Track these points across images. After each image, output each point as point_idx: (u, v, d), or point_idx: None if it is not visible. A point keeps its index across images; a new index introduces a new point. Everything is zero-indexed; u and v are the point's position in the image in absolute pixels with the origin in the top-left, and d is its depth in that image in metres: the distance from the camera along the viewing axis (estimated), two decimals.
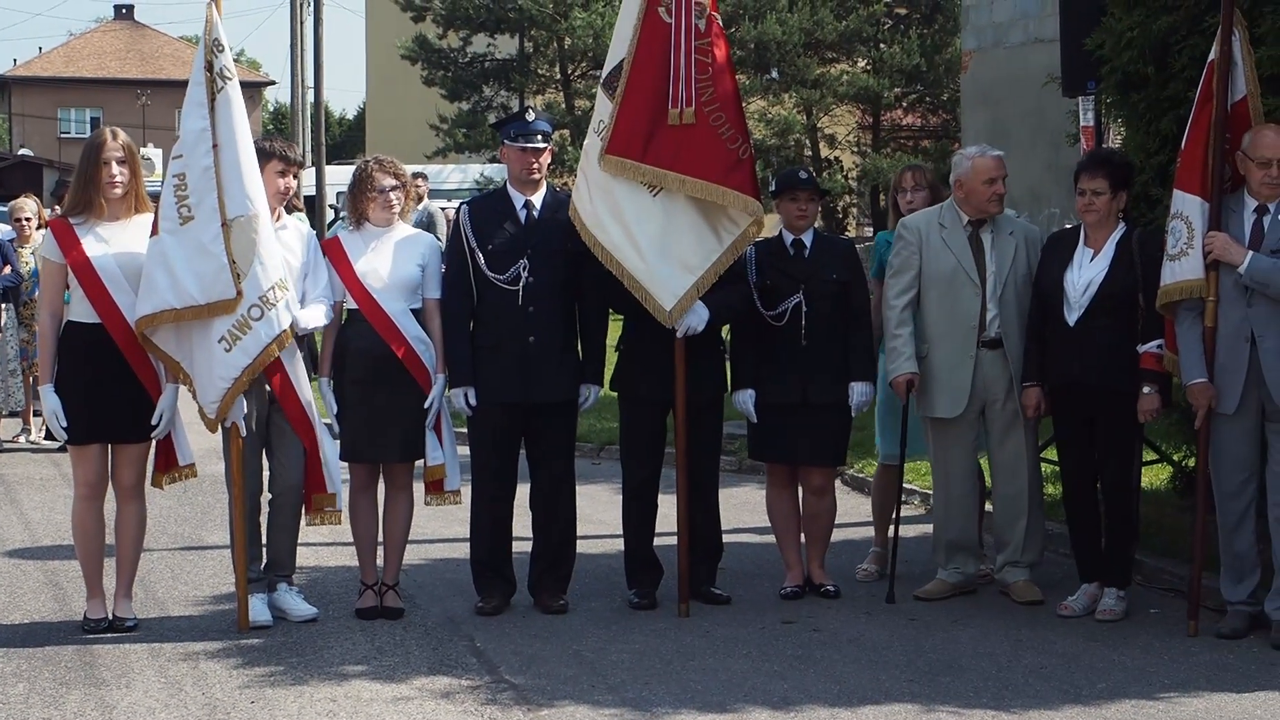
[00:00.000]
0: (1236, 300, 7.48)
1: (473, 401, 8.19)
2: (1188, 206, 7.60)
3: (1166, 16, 8.71)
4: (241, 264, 7.66)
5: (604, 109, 8.24)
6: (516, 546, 8.48)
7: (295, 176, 8.22)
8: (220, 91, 7.71)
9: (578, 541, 8.58)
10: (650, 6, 8.09)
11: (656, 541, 8.55)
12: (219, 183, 7.65)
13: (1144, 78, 8.94)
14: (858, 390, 8.35)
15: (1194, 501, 7.96)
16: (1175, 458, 9.97)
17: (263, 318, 7.68)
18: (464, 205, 8.41)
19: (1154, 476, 10.19)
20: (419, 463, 8.21)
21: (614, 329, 8.49)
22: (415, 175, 20.13)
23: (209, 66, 7.72)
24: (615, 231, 8.08)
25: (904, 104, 36.17)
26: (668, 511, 8.48)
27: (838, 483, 9.67)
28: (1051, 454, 9.75)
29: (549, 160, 8.36)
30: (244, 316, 7.67)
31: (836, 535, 8.88)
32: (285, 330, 7.74)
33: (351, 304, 8.07)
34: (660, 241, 8.05)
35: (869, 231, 35.49)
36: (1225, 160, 7.61)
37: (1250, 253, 7.41)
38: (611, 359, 8.45)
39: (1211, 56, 7.64)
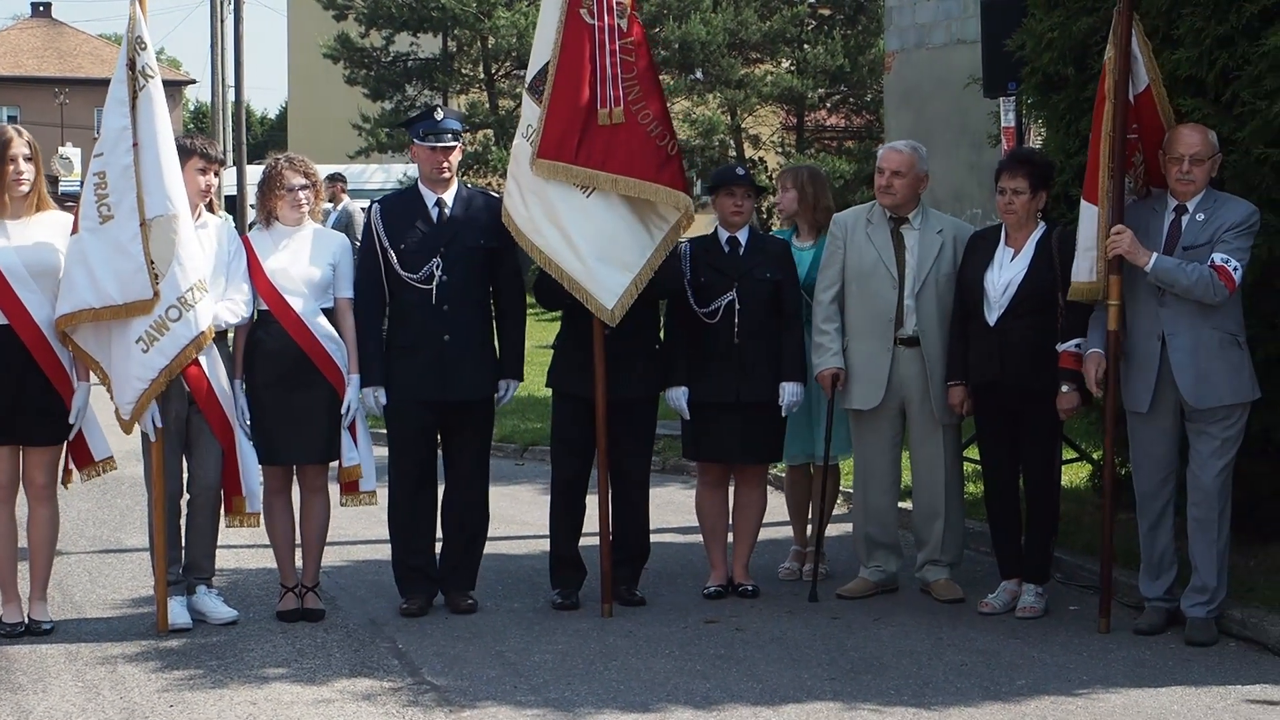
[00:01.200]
0: (1148, 300, 7.55)
1: (383, 401, 8.15)
2: (1084, 213, 7.70)
3: (1086, 18, 8.78)
4: (160, 264, 7.59)
5: (531, 113, 8.22)
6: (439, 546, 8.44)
7: (216, 174, 8.14)
8: (142, 90, 7.64)
9: (502, 543, 8.56)
10: (572, 8, 8.07)
11: (583, 542, 8.52)
12: (139, 182, 7.57)
13: (1064, 79, 9.02)
14: (788, 390, 8.36)
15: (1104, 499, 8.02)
16: (1094, 456, 10.05)
17: (180, 319, 7.61)
18: (375, 204, 8.37)
19: (1073, 475, 10.27)
20: (334, 463, 8.15)
21: (553, 327, 8.47)
22: (334, 178, 20.10)
23: (131, 64, 7.65)
24: (552, 235, 8.07)
25: (828, 105, 36.28)
26: (596, 511, 8.46)
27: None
28: (972, 452, 9.82)
29: (459, 158, 8.34)
30: (161, 317, 7.60)
31: (763, 534, 8.88)
32: (204, 332, 7.68)
33: (262, 304, 8.00)
34: (597, 242, 8.05)
35: None
36: (1126, 156, 7.66)
37: (1155, 254, 7.46)
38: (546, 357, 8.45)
39: (1106, 56, 7.68)
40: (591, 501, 8.46)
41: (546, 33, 8.20)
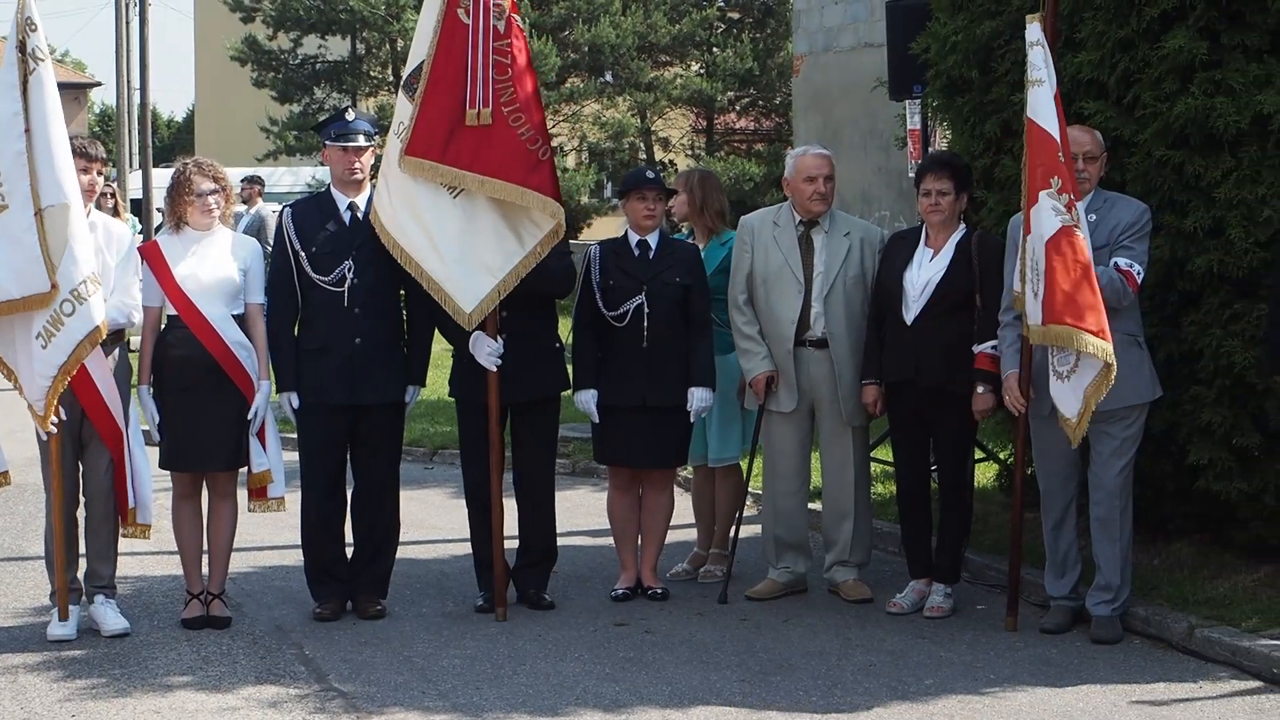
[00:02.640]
0: None
1: (295, 405, 8.09)
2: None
3: (990, 21, 8.86)
4: (55, 255, 7.46)
5: (404, 111, 8.16)
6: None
7: (99, 173, 8.04)
8: (33, 74, 7.50)
9: (411, 547, 8.51)
10: (449, 8, 8.02)
11: (508, 544, 8.43)
12: (31, 170, 7.45)
13: (968, 81, 9.09)
14: (697, 395, 8.36)
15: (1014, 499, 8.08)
16: (1002, 456, 10.13)
17: (74, 313, 7.49)
18: (287, 208, 8.32)
19: (981, 475, 10.33)
20: (243, 470, 8.07)
21: None
22: (251, 180, 19.94)
23: (21, 46, 7.50)
24: (415, 234, 8.02)
25: (737, 108, 36.35)
26: (514, 514, 8.46)
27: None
28: (881, 453, 9.87)
29: (371, 160, 8.29)
30: (57, 311, 7.48)
31: (672, 537, 8.88)
32: (99, 326, 7.54)
33: (171, 310, 7.92)
34: (460, 243, 8.00)
35: None
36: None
37: None
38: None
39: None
40: (509, 505, 8.43)
41: (425, 31, 8.14)
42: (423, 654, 7.57)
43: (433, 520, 10.55)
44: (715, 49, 35.02)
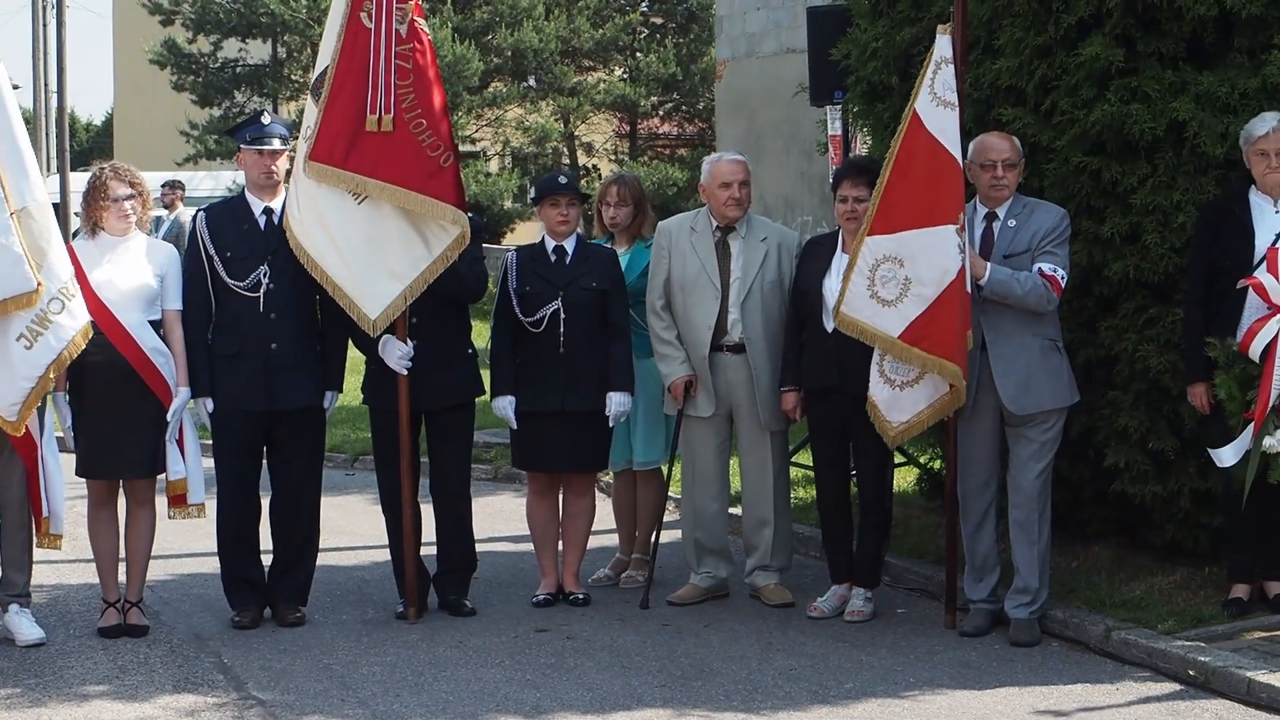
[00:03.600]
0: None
1: (210, 410, 8.04)
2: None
3: (909, 28, 8.90)
4: (35, 255, 7.40)
5: (311, 115, 8.13)
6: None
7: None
8: None
9: (332, 554, 8.46)
10: (353, 11, 7.98)
11: (427, 551, 8.44)
12: (0, 171, 7.38)
13: (888, 88, 9.13)
14: (615, 400, 8.36)
15: (940, 503, 8.13)
16: (922, 460, 10.18)
17: (64, 310, 7.47)
18: (201, 213, 8.25)
19: (901, 479, 10.37)
20: (161, 476, 8.00)
21: None
22: (172, 185, 19.77)
23: None
24: (320, 238, 7.98)
25: (660, 112, 36.46)
26: (431, 520, 8.43)
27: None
28: (801, 457, 9.90)
29: (287, 164, 8.23)
30: (44, 311, 7.43)
31: (594, 542, 8.88)
32: (88, 322, 7.54)
33: (87, 316, 7.82)
34: (365, 249, 7.96)
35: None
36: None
37: (989, 265, 7.57)
38: None
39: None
40: (427, 510, 8.42)
41: (330, 35, 8.11)
42: (342, 661, 7.53)
43: (354, 526, 10.49)
44: (638, 54, 35.13)
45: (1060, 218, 7.72)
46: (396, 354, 8.04)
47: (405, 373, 8.05)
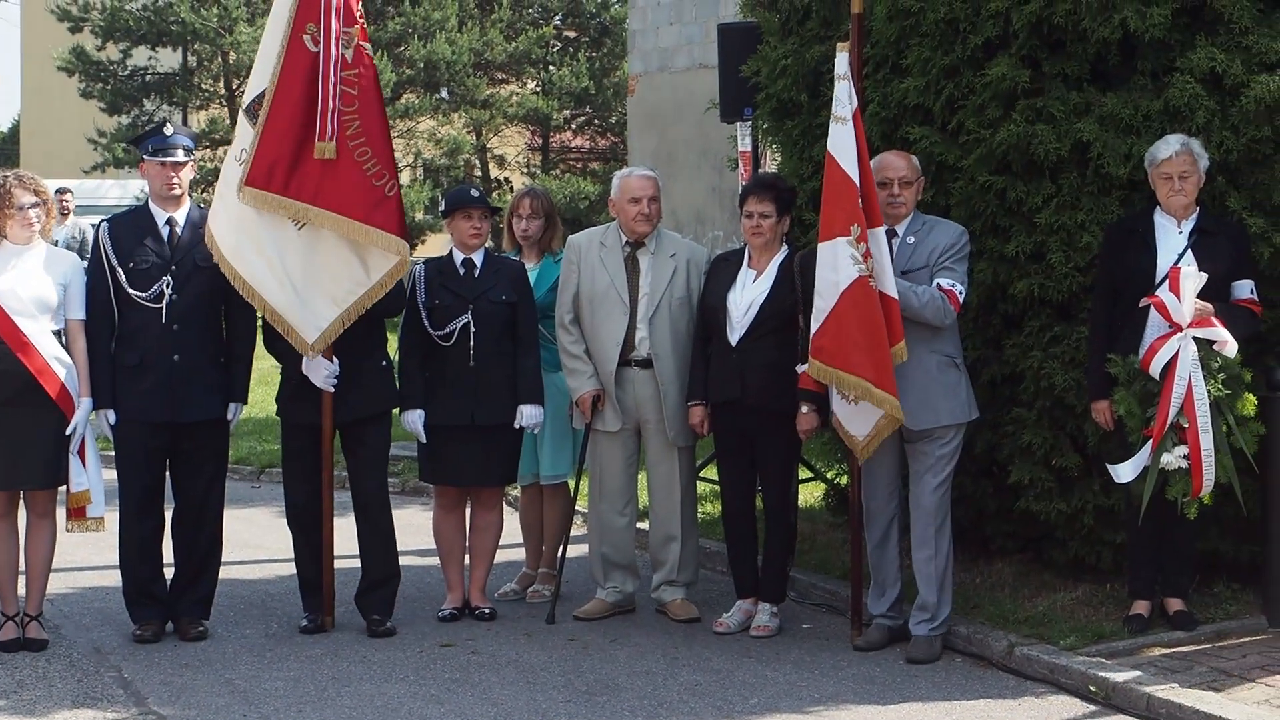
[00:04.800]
0: None
1: (112, 421, 7.94)
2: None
3: (819, 46, 8.95)
4: None
5: (245, 137, 8.02)
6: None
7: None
8: None
9: (236, 567, 8.39)
10: (295, 34, 7.89)
11: (340, 564, 8.36)
12: None
13: (797, 105, 9.18)
14: (526, 413, 8.34)
15: (846, 518, 8.16)
16: (828, 475, 10.21)
17: None
18: (104, 223, 8.16)
19: (807, 494, 10.42)
20: (61, 489, 7.90)
21: None
22: (60, 191, 19.58)
23: None
24: (257, 264, 7.91)
25: (573, 126, 36.42)
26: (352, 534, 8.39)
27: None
28: (709, 472, 9.91)
29: (191, 175, 8.16)
30: None
31: (501, 556, 8.85)
32: None
33: None
34: (304, 273, 7.92)
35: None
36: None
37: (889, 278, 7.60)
38: None
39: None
40: (347, 524, 8.38)
41: (268, 55, 8.00)
42: (245, 676, 7.47)
43: (258, 539, 10.41)
44: (551, 67, 35.07)
45: (958, 235, 7.78)
46: (323, 372, 7.99)
47: (331, 390, 8.00)
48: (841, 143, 7.54)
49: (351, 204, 7.88)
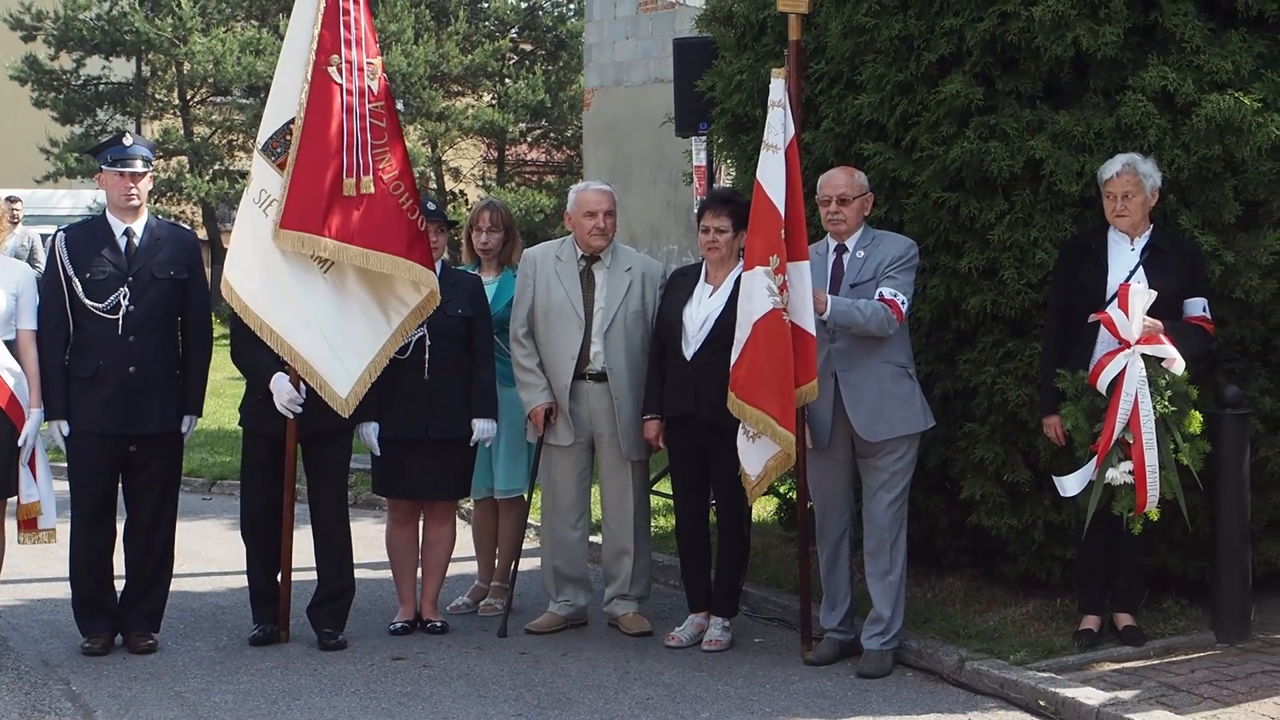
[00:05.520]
0: (821, 338, 7.68)
1: (66, 433, 7.89)
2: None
3: (774, 61, 8.95)
4: None
5: (267, 178, 7.81)
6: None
7: None
8: None
9: (187, 579, 8.34)
10: (318, 66, 7.73)
11: (299, 576, 8.33)
12: None
13: (752, 120, 9.20)
14: (480, 427, 8.32)
15: (799, 533, 8.17)
16: (781, 490, 10.21)
17: None
18: (60, 232, 8.10)
19: (760, 508, 10.42)
20: (12, 500, 7.84)
21: None
22: (8, 199, 19.45)
23: None
24: (285, 313, 7.80)
25: (529, 139, 36.41)
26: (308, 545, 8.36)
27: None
28: (663, 486, 9.91)
29: (149, 186, 8.10)
30: None
31: (452, 570, 8.82)
32: None
33: None
34: (334, 324, 7.85)
35: None
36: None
37: (830, 297, 7.63)
38: None
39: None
40: (305, 536, 8.34)
41: (288, 89, 7.81)
42: (194, 689, 7.42)
43: (209, 552, 10.36)
44: (507, 80, 35.05)
45: (907, 247, 7.81)
46: (286, 396, 7.94)
47: (291, 416, 7.96)
48: (772, 171, 7.53)
49: (391, 239, 7.81)
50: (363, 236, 7.79)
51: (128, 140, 8.08)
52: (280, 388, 7.94)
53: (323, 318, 7.83)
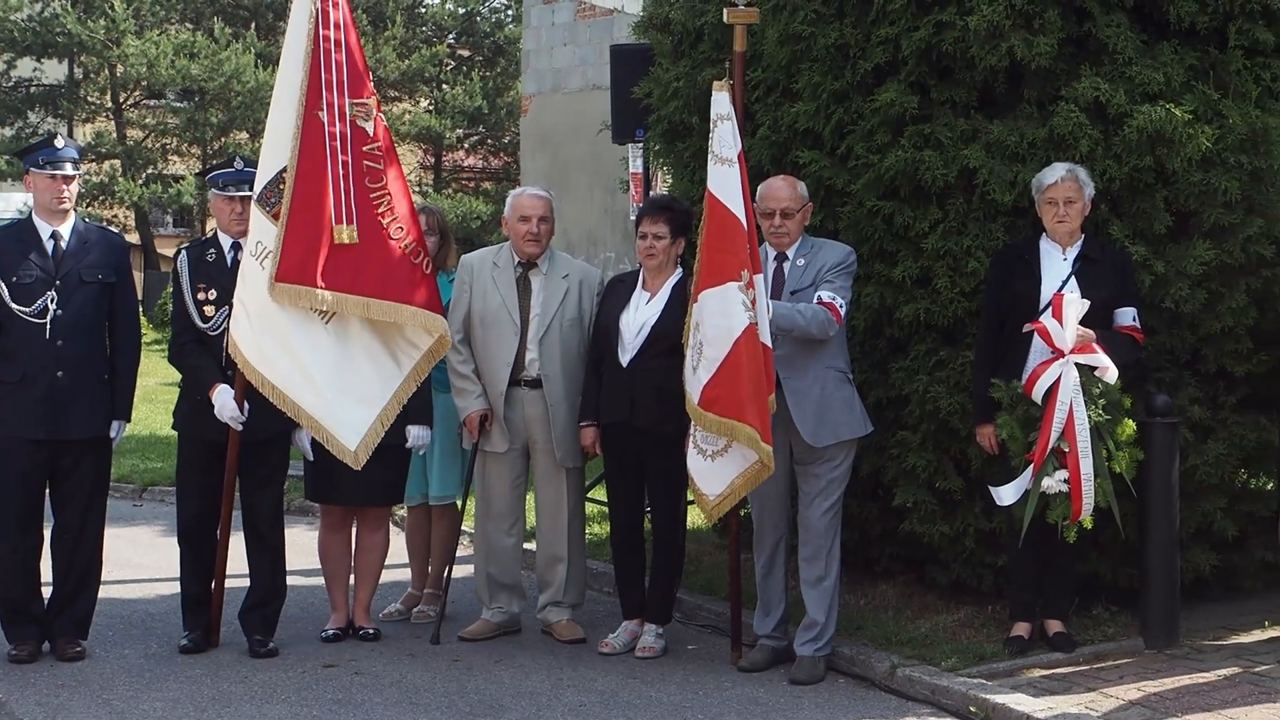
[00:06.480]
0: None
1: None
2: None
3: (711, 69, 8.97)
4: None
5: (262, 229, 7.63)
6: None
7: None
8: None
9: (116, 586, 8.27)
10: (309, 112, 7.57)
11: (230, 583, 8.26)
12: None
13: (689, 127, 9.21)
14: (414, 434, 8.29)
15: (730, 540, 8.18)
16: None
17: None
18: None
19: (696, 515, 10.40)
20: None
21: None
22: None
23: None
24: (287, 368, 7.66)
25: (466, 145, 36.42)
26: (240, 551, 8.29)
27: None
28: (598, 493, 9.90)
29: (78, 189, 8.02)
30: None
31: (385, 576, 8.78)
32: None
33: None
34: (337, 375, 7.71)
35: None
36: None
37: (772, 302, 7.61)
38: None
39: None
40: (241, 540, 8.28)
41: (279, 137, 7.64)
42: (123, 697, 7.36)
43: (140, 559, 10.28)
44: (445, 86, 35.05)
45: (846, 254, 7.82)
46: (229, 413, 7.86)
47: (238, 429, 7.88)
48: (729, 185, 7.46)
49: (393, 286, 7.66)
50: (363, 285, 7.63)
51: (59, 142, 8.00)
52: (224, 402, 7.86)
53: (328, 369, 7.68)
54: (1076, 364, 7.31)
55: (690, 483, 7.75)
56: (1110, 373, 7.35)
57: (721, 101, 7.53)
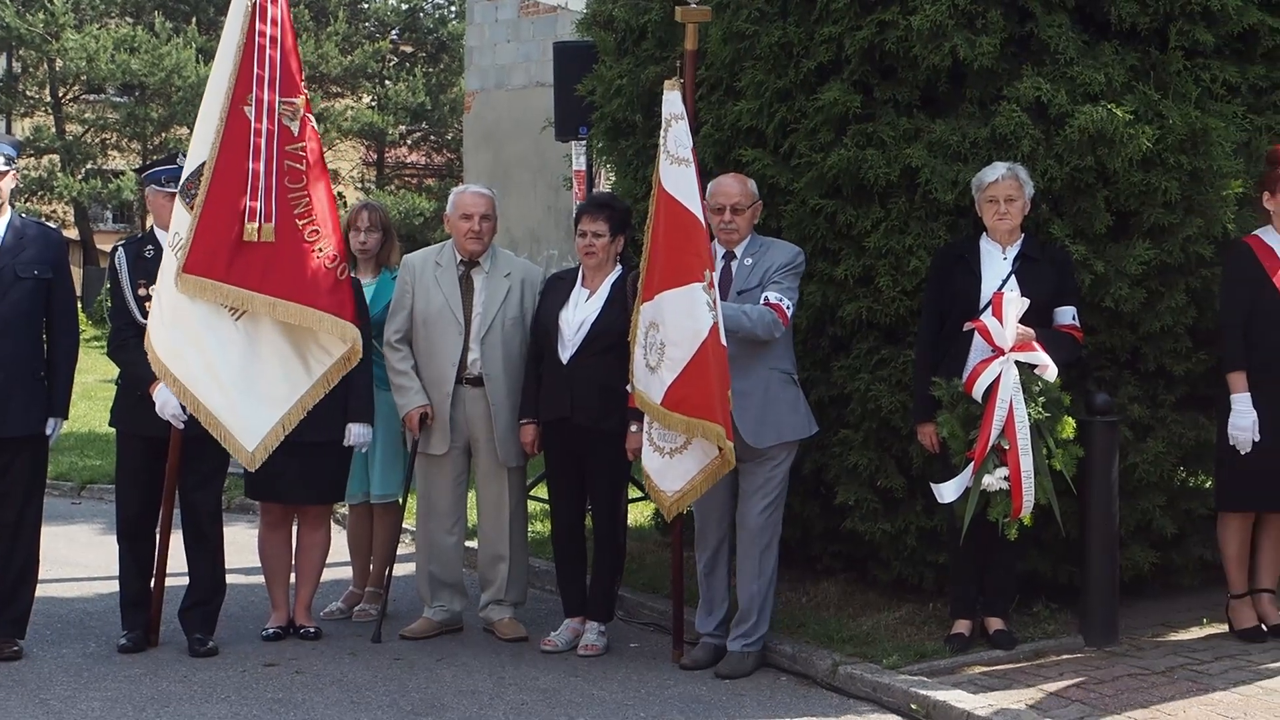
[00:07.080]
0: None
1: None
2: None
3: (654, 67, 8.99)
4: None
5: (180, 220, 7.54)
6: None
7: None
8: None
9: (54, 585, 8.20)
10: (235, 105, 7.45)
11: (171, 582, 8.21)
12: None
13: (632, 125, 9.22)
14: (355, 432, 8.26)
15: (672, 538, 8.18)
16: None
17: None
18: None
19: (638, 513, 10.44)
20: None
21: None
22: None
23: None
24: (194, 361, 7.53)
25: (409, 142, 36.29)
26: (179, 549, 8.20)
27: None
28: (540, 491, 9.89)
29: (13, 185, 7.93)
30: None
31: (326, 575, 8.74)
32: None
33: None
34: (243, 373, 7.59)
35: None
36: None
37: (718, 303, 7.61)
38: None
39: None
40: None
41: (205, 130, 7.54)
42: (60, 696, 7.29)
43: (77, 557, 10.19)
44: (387, 82, 34.93)
45: (794, 254, 7.83)
46: (170, 411, 7.78)
47: (180, 427, 7.81)
48: (686, 185, 7.43)
49: (302, 289, 7.52)
50: (272, 284, 7.51)
51: None
52: (165, 399, 7.77)
53: (234, 367, 7.57)
54: (1016, 362, 7.34)
55: (646, 480, 7.71)
56: (1050, 371, 7.39)
57: (674, 101, 7.51)
